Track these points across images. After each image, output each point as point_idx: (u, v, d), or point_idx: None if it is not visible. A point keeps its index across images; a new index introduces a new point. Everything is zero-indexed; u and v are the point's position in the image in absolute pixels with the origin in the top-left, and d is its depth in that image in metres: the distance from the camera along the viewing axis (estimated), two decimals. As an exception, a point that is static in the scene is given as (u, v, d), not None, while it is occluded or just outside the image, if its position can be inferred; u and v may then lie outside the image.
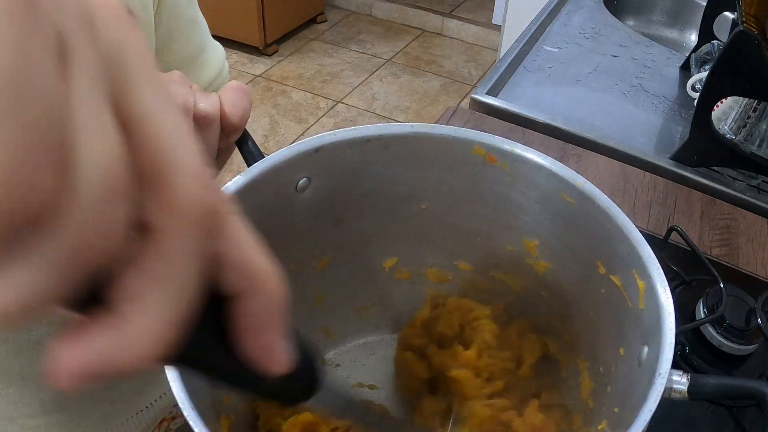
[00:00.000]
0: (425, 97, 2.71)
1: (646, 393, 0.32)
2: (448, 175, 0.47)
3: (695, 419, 0.55)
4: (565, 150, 0.82)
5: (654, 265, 0.38)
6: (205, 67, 0.62)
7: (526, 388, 0.49)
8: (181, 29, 0.58)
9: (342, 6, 3.38)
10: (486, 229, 0.50)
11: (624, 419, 0.34)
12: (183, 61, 0.59)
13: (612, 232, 0.41)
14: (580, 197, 0.43)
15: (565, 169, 0.44)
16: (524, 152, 0.45)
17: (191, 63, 0.60)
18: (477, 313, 0.51)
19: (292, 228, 0.46)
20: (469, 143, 0.45)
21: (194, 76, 0.61)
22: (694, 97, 0.90)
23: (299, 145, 0.43)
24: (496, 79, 0.95)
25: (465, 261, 0.53)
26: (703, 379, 0.34)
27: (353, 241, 0.51)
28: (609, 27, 1.13)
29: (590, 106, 0.94)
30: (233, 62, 2.85)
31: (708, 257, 0.65)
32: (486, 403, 0.47)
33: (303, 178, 0.44)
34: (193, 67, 0.60)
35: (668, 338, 0.34)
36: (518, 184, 0.46)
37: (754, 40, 0.69)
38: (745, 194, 0.79)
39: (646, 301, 0.38)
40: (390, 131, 0.45)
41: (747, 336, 0.56)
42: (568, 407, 0.48)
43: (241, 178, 0.41)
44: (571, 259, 0.46)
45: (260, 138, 2.40)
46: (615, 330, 0.42)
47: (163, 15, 0.55)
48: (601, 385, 0.43)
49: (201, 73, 0.62)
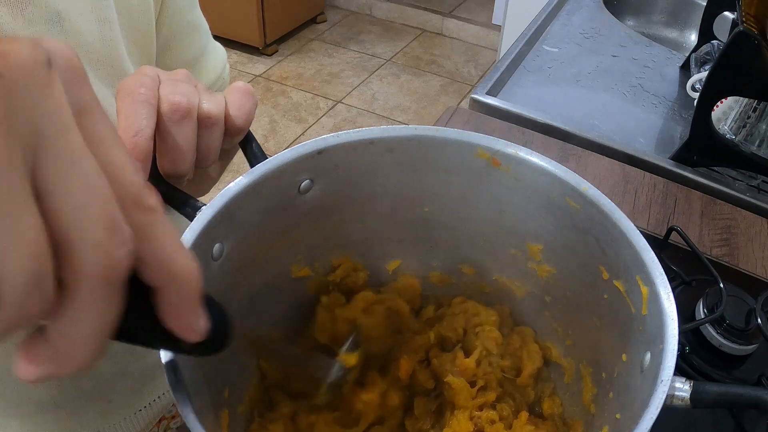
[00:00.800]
0: (425, 97, 2.72)
1: (648, 400, 0.32)
2: (452, 178, 0.47)
3: (696, 421, 0.55)
4: (564, 150, 0.82)
5: (657, 270, 0.37)
6: (206, 70, 0.62)
7: (524, 397, 0.49)
8: (182, 34, 0.58)
9: (342, 6, 3.38)
10: (489, 233, 0.50)
11: (625, 426, 0.34)
12: (184, 65, 0.59)
13: (616, 238, 0.40)
14: (584, 202, 0.42)
15: (569, 174, 0.43)
16: (528, 156, 0.44)
17: (192, 66, 0.60)
18: (482, 318, 0.51)
19: (294, 230, 0.46)
20: (472, 146, 0.45)
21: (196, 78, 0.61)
22: (694, 97, 0.90)
23: (302, 147, 0.43)
24: (496, 79, 0.95)
25: (468, 264, 0.53)
26: (706, 387, 0.34)
27: (356, 244, 0.51)
28: (609, 27, 1.13)
29: (590, 106, 0.94)
30: (233, 62, 2.85)
31: (708, 257, 0.65)
32: (473, 414, 0.47)
33: (306, 179, 0.44)
34: (194, 71, 0.60)
35: (671, 345, 0.34)
36: (522, 188, 0.46)
37: (753, 40, 0.69)
38: (745, 194, 0.79)
39: (650, 307, 0.37)
40: (393, 134, 0.45)
41: (747, 336, 0.56)
42: (565, 418, 0.48)
43: (244, 179, 0.40)
44: (574, 264, 0.46)
45: (260, 138, 2.40)
46: (618, 336, 0.41)
47: (165, 20, 0.55)
48: (603, 391, 0.43)
49: (202, 75, 0.62)
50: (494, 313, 0.51)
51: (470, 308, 0.52)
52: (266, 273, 0.46)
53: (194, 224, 0.37)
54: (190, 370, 0.33)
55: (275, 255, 0.46)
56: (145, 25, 0.52)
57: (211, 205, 0.38)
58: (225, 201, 0.39)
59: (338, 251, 0.51)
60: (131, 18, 0.50)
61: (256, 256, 0.44)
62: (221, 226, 0.39)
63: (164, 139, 0.37)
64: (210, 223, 0.38)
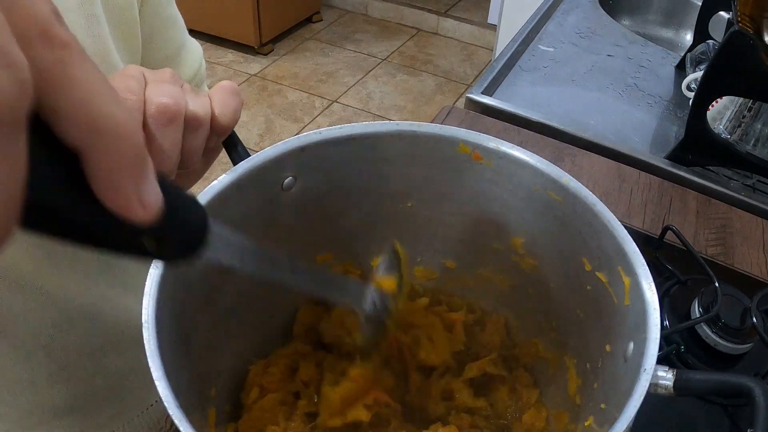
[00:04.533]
0: (421, 96, 2.71)
1: (632, 389, 0.33)
2: (434, 173, 0.47)
3: (691, 419, 0.55)
4: (560, 149, 0.82)
5: (639, 261, 0.38)
6: (184, 65, 0.62)
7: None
8: (161, 27, 0.58)
9: (337, 5, 3.38)
10: (472, 227, 0.50)
11: (611, 415, 0.34)
12: (164, 59, 0.59)
13: (598, 229, 0.41)
14: (565, 194, 0.43)
15: (550, 167, 0.44)
16: (510, 150, 0.45)
17: (172, 61, 0.60)
18: (453, 384, 0.49)
19: (278, 226, 0.46)
20: (454, 141, 0.45)
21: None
22: (690, 96, 0.90)
23: (284, 144, 0.43)
24: (492, 78, 0.95)
25: (451, 259, 0.53)
26: (689, 375, 0.34)
27: (340, 240, 0.51)
28: (604, 26, 1.13)
29: (585, 106, 0.94)
30: (229, 61, 2.84)
31: (703, 256, 0.65)
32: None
33: (289, 176, 0.44)
34: (173, 65, 0.60)
35: (653, 334, 0.34)
36: (504, 181, 0.46)
37: (749, 40, 0.69)
38: (740, 194, 0.79)
39: (632, 297, 0.38)
40: (375, 129, 0.45)
41: (742, 335, 0.56)
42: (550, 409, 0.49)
43: (227, 177, 0.40)
44: (557, 256, 0.46)
45: (256, 137, 2.40)
46: (601, 326, 0.42)
47: (146, 13, 0.55)
48: (588, 381, 0.44)
49: (181, 70, 0.62)
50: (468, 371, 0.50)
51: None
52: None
53: None
54: (176, 370, 0.33)
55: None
56: (130, 20, 0.52)
57: None
58: (208, 198, 0.39)
59: (322, 248, 0.51)
60: (116, 13, 0.50)
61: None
62: None
63: (150, 141, 0.36)
64: None
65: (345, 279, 0.44)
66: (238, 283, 0.44)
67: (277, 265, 0.33)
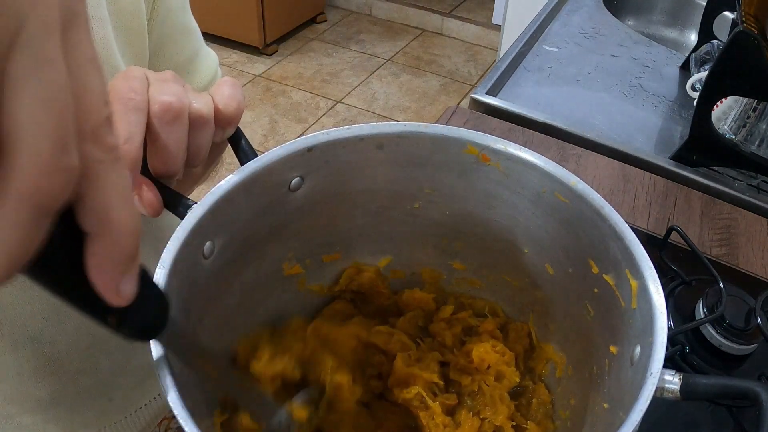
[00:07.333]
0: (425, 96, 2.71)
1: (638, 392, 0.32)
2: (442, 175, 0.47)
3: (696, 420, 0.55)
4: (564, 150, 0.82)
5: (647, 264, 0.37)
6: (198, 74, 0.62)
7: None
8: (173, 36, 0.58)
9: (342, 6, 3.38)
10: (479, 229, 0.50)
11: (616, 418, 0.34)
12: (176, 68, 0.59)
13: (605, 232, 0.40)
14: (573, 196, 0.43)
15: (558, 168, 0.43)
16: (517, 151, 0.44)
17: (184, 69, 0.60)
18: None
19: (285, 227, 0.46)
20: (462, 142, 0.45)
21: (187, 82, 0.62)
22: (694, 96, 0.90)
23: (292, 145, 0.43)
24: (496, 78, 0.94)
25: (459, 260, 0.53)
26: (696, 379, 0.34)
27: (347, 240, 0.51)
28: (609, 27, 1.13)
29: (590, 106, 0.94)
30: (233, 62, 2.85)
31: (708, 257, 0.65)
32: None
33: (296, 177, 0.44)
34: (185, 74, 0.60)
35: (660, 338, 0.34)
36: (511, 183, 0.46)
37: (753, 39, 0.69)
38: (745, 194, 0.78)
39: (639, 300, 0.37)
40: (383, 130, 0.45)
41: (746, 336, 0.55)
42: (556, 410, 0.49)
43: (234, 177, 0.40)
44: (564, 259, 0.46)
45: (260, 137, 2.40)
46: (608, 329, 0.42)
47: (156, 22, 0.55)
48: (594, 384, 0.43)
49: (194, 79, 0.62)
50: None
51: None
52: (257, 271, 0.46)
53: (185, 222, 0.37)
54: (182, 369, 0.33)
55: (266, 253, 0.46)
56: (137, 25, 0.52)
57: (201, 203, 0.38)
58: (216, 199, 0.39)
59: (329, 248, 0.51)
60: (122, 17, 0.50)
61: (247, 254, 0.44)
62: (212, 224, 0.39)
63: (155, 141, 0.36)
64: (201, 221, 0.38)
65: (265, 395, 0.41)
66: (242, 283, 0.44)
67: (215, 364, 0.36)
